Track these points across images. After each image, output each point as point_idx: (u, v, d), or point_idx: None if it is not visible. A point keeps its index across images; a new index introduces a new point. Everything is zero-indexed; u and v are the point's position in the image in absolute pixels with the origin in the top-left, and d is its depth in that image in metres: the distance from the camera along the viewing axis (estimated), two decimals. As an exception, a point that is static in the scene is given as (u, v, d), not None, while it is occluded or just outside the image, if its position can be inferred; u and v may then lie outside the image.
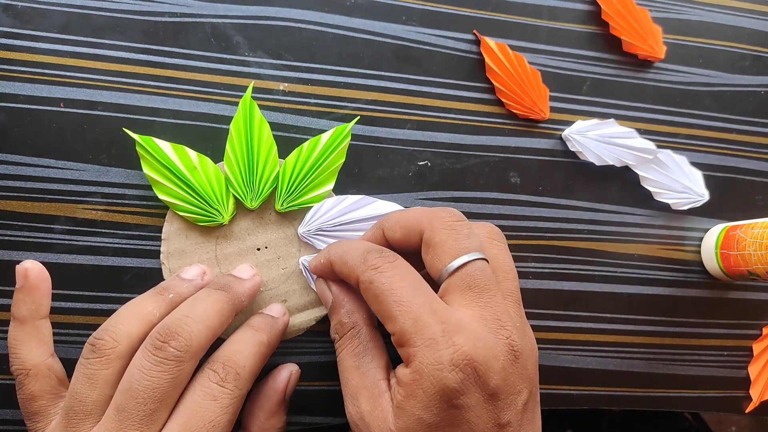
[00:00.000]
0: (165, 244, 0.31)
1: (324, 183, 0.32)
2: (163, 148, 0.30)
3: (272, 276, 0.32)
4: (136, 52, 0.32)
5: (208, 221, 0.31)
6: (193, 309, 0.26)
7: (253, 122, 0.31)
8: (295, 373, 0.31)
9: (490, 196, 0.35)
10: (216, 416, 0.25)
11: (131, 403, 0.24)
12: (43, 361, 0.27)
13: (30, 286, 0.27)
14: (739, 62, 0.39)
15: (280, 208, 0.31)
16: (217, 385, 0.25)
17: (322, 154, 0.31)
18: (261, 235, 0.32)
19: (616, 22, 0.37)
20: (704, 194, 0.37)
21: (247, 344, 0.27)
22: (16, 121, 0.31)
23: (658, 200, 0.37)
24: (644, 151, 0.36)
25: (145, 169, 0.30)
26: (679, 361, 0.37)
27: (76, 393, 0.25)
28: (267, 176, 0.31)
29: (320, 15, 0.34)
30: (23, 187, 0.31)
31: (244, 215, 0.32)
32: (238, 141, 0.31)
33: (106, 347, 0.25)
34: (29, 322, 0.27)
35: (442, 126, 0.35)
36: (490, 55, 0.35)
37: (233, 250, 0.31)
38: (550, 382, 0.36)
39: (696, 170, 0.37)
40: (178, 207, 0.30)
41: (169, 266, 0.31)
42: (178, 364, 0.24)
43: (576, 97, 0.37)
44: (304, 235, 0.32)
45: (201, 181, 0.30)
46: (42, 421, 0.27)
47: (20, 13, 0.31)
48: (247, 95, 0.31)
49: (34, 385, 0.27)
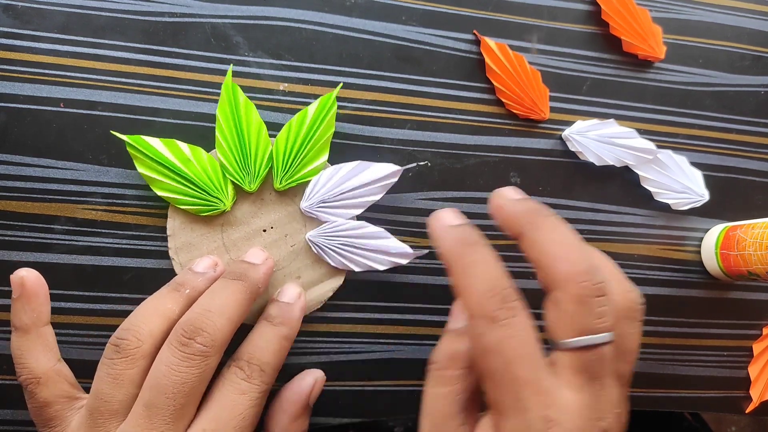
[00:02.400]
0: (171, 239, 0.31)
1: (318, 155, 0.32)
2: (154, 145, 0.30)
3: (282, 255, 0.32)
4: (136, 52, 0.32)
5: (211, 210, 0.31)
6: (212, 302, 0.26)
7: (239, 105, 0.31)
8: (320, 380, 0.31)
9: (490, 196, 0.35)
10: (245, 409, 0.25)
11: (161, 398, 0.24)
12: (51, 366, 0.27)
13: (28, 294, 0.27)
14: (739, 62, 0.39)
15: (279, 187, 0.32)
16: (244, 381, 0.26)
17: (312, 127, 0.31)
18: (264, 216, 0.32)
19: (616, 22, 0.36)
20: (704, 194, 0.37)
21: (269, 340, 0.28)
22: (16, 121, 0.31)
23: (658, 200, 0.37)
24: (644, 151, 0.36)
25: (140, 168, 0.30)
26: (679, 361, 0.37)
27: (102, 393, 0.25)
28: (261, 157, 0.31)
29: (320, 15, 0.34)
30: (23, 187, 0.31)
31: (245, 199, 0.32)
32: (227, 126, 0.31)
33: (130, 347, 0.25)
34: (32, 330, 0.27)
35: (442, 126, 0.35)
36: (490, 55, 0.35)
37: (240, 234, 0.32)
38: (550, 382, 0.36)
39: (696, 170, 0.37)
40: (179, 201, 0.30)
41: (179, 261, 0.31)
42: (204, 359, 0.25)
43: (576, 97, 0.37)
44: (307, 209, 0.32)
45: (197, 171, 0.30)
46: (59, 425, 0.27)
47: (20, 13, 0.31)
48: (227, 79, 0.31)
49: (47, 391, 0.27)
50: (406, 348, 0.34)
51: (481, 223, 0.35)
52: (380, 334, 0.34)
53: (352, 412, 0.33)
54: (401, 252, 0.32)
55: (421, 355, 0.34)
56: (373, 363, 0.34)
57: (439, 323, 0.34)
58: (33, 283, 0.28)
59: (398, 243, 0.32)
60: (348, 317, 0.33)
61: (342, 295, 0.33)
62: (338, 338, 0.33)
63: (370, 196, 0.32)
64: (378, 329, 0.34)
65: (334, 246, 0.32)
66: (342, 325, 0.33)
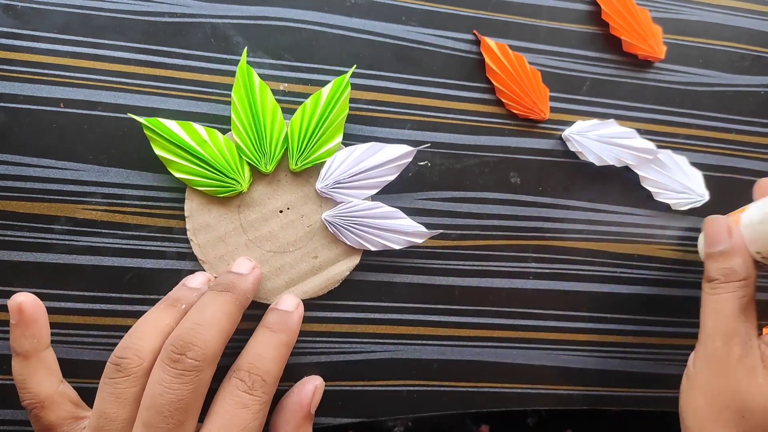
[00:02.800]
0: (189, 221, 0.32)
1: (332, 137, 0.32)
2: (171, 127, 0.30)
3: (299, 235, 0.32)
4: (136, 52, 0.32)
5: (228, 191, 0.31)
6: (202, 316, 0.26)
7: (254, 87, 0.31)
8: (319, 387, 0.31)
9: (490, 196, 0.35)
10: (248, 422, 0.25)
11: (158, 418, 0.24)
12: (55, 390, 0.27)
13: (26, 320, 0.27)
14: (739, 62, 0.39)
15: (295, 168, 0.32)
16: (245, 393, 0.25)
17: (326, 108, 0.32)
18: (281, 197, 0.32)
19: (616, 22, 0.37)
20: (704, 194, 0.37)
21: (269, 348, 0.27)
22: (16, 121, 0.31)
23: (658, 200, 0.37)
24: (644, 151, 0.36)
25: (156, 149, 0.30)
26: (680, 361, 0.37)
27: (106, 413, 0.25)
28: (276, 138, 0.31)
29: (320, 15, 0.34)
30: (23, 187, 0.31)
31: (261, 180, 0.32)
32: (243, 108, 0.31)
33: (132, 365, 0.25)
34: (33, 355, 0.27)
35: (442, 126, 0.35)
36: (490, 55, 0.35)
37: (257, 216, 0.32)
38: (550, 382, 0.36)
39: (696, 170, 0.37)
40: (196, 182, 0.31)
41: (198, 241, 0.31)
42: (197, 374, 0.24)
43: (576, 97, 0.37)
44: (323, 190, 0.32)
45: (213, 153, 0.31)
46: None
47: (20, 13, 0.31)
48: (242, 61, 0.31)
49: (52, 414, 0.27)
50: (406, 348, 0.34)
51: (481, 223, 0.35)
52: (380, 334, 0.34)
53: (352, 412, 0.33)
54: (416, 231, 0.33)
55: (421, 355, 0.34)
56: (373, 363, 0.34)
57: (439, 323, 0.34)
58: (31, 308, 0.27)
59: (413, 223, 0.33)
60: (348, 317, 0.33)
61: (342, 295, 0.33)
62: (337, 338, 0.33)
63: (385, 177, 0.33)
64: (378, 329, 0.34)
65: (350, 225, 0.32)
66: (341, 325, 0.33)
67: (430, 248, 0.34)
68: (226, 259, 0.32)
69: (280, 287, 0.32)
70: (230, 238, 0.32)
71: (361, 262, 0.33)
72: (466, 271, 0.35)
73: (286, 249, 0.32)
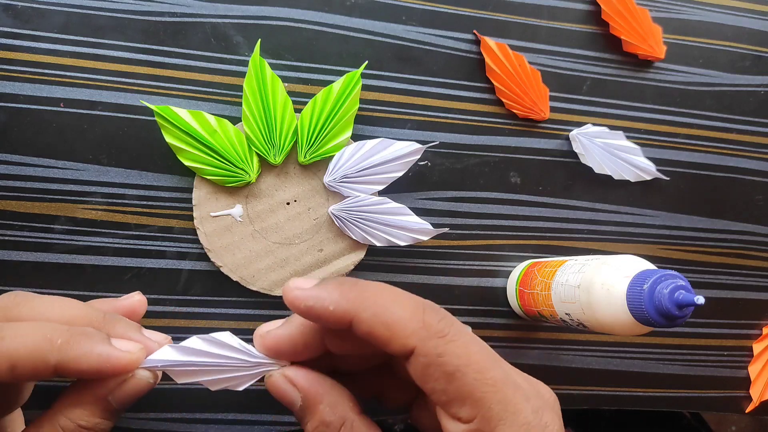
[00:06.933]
0: (197, 209, 0.32)
1: (342, 131, 0.32)
2: (182, 115, 0.30)
3: (305, 227, 0.33)
4: (136, 52, 0.32)
5: (236, 181, 0.31)
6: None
7: (266, 79, 0.31)
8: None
9: (490, 196, 0.35)
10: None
11: None
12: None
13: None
14: (739, 62, 0.39)
15: (303, 161, 0.32)
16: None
17: (336, 103, 0.32)
18: (288, 189, 0.33)
19: (616, 22, 0.36)
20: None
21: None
22: (16, 121, 0.31)
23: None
24: (644, 170, 0.36)
25: (167, 137, 0.30)
26: (679, 361, 0.37)
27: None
28: (286, 131, 0.32)
29: (320, 15, 0.34)
30: (23, 187, 0.31)
31: (269, 172, 0.32)
32: (254, 99, 0.31)
33: None
34: None
35: (442, 126, 0.35)
36: (490, 55, 0.35)
37: (263, 207, 0.32)
38: (551, 382, 0.36)
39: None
40: (205, 171, 0.31)
41: (204, 231, 0.32)
42: None
43: (576, 97, 0.37)
44: (331, 184, 0.32)
45: (223, 143, 0.31)
46: None
47: (20, 13, 0.31)
48: (255, 53, 0.31)
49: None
50: (406, 348, 0.34)
51: (481, 223, 0.35)
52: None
53: (352, 412, 0.33)
54: (422, 228, 0.33)
55: (421, 355, 0.34)
56: (373, 363, 0.34)
57: (439, 323, 0.34)
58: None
59: (419, 220, 0.33)
60: (348, 317, 0.33)
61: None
62: (338, 338, 0.33)
63: (393, 173, 0.33)
64: (378, 329, 0.34)
65: (356, 220, 0.32)
66: (342, 325, 0.33)
67: (431, 248, 0.34)
68: (232, 248, 0.32)
69: (284, 279, 0.32)
70: (236, 228, 0.32)
71: (363, 262, 0.33)
72: (466, 271, 0.35)
73: (291, 241, 0.33)
